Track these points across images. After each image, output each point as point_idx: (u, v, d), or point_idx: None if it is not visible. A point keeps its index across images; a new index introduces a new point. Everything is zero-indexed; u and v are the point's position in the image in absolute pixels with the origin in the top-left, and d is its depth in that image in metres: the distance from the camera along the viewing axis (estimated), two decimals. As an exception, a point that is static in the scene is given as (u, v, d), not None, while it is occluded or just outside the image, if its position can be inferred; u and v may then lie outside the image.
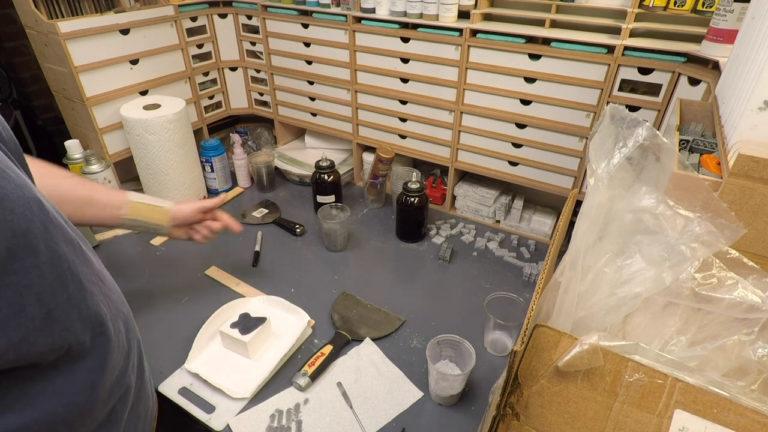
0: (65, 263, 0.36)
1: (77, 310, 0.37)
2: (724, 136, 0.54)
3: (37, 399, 0.36)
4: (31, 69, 1.78)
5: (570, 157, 1.05)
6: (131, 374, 0.48)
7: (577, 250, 0.48)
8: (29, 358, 0.34)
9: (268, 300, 0.94)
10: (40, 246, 0.33)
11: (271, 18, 1.30)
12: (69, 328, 0.36)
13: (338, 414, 0.75)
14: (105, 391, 0.42)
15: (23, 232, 0.31)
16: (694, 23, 0.92)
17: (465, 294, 1.01)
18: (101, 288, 0.42)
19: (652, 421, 0.39)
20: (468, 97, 1.11)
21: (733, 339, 0.44)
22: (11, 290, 0.31)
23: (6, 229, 0.30)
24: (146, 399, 0.54)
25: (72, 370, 0.38)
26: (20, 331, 0.32)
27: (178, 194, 1.23)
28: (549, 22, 1.00)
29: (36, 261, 0.33)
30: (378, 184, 1.27)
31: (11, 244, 0.30)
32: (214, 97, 1.44)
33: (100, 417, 0.43)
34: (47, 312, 0.34)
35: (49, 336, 0.34)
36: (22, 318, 0.32)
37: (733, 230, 0.43)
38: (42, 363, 0.35)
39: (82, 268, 0.38)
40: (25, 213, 0.32)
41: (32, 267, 0.32)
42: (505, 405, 0.46)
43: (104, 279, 0.44)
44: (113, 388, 0.44)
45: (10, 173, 0.32)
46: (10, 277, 0.31)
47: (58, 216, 0.37)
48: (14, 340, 0.32)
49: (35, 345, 0.33)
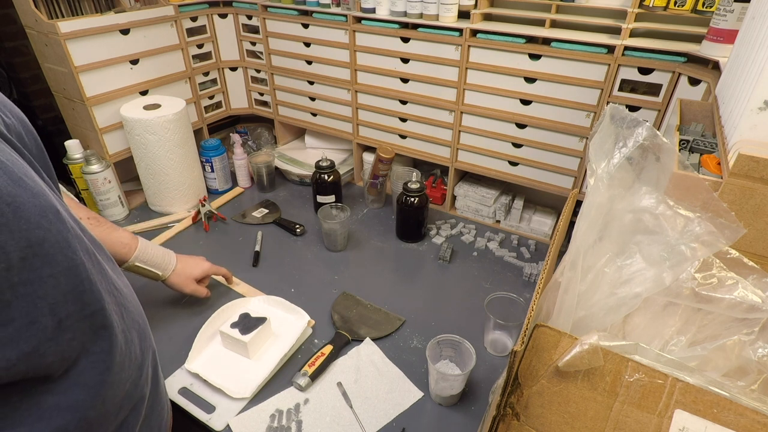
0: (83, 273, 0.35)
1: (90, 320, 0.36)
2: (724, 136, 0.54)
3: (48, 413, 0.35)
4: (31, 69, 1.78)
5: (570, 157, 1.05)
6: (144, 385, 0.47)
7: (577, 250, 0.48)
8: (39, 370, 0.33)
9: (268, 300, 0.94)
10: (57, 256, 0.32)
11: (271, 18, 1.30)
12: (78, 338, 0.35)
13: (338, 414, 0.75)
14: (116, 405, 0.41)
15: (39, 242, 0.31)
16: (694, 23, 0.92)
17: (465, 294, 1.01)
18: (117, 298, 0.41)
19: (652, 421, 0.39)
20: (468, 97, 1.11)
21: (733, 339, 0.44)
22: (25, 300, 0.30)
23: (21, 238, 0.29)
24: (160, 410, 0.52)
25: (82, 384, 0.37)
26: (32, 342, 0.31)
27: (178, 194, 1.23)
28: (549, 22, 1.00)
29: (52, 271, 0.32)
30: (378, 184, 1.27)
31: (26, 253, 0.30)
32: (214, 97, 1.44)
33: (110, 429, 0.42)
34: (58, 322, 0.33)
35: (59, 346, 0.34)
36: (35, 329, 0.31)
37: (733, 230, 0.43)
38: (52, 375, 0.35)
39: (97, 277, 0.38)
40: (41, 222, 0.31)
41: (48, 277, 0.32)
42: (505, 405, 0.46)
43: (120, 288, 0.43)
44: (124, 400, 0.43)
45: (27, 181, 0.31)
46: (25, 287, 0.30)
47: (75, 225, 0.36)
48: (26, 351, 0.31)
49: (45, 356, 0.33)
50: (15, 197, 0.30)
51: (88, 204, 1.22)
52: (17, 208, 0.29)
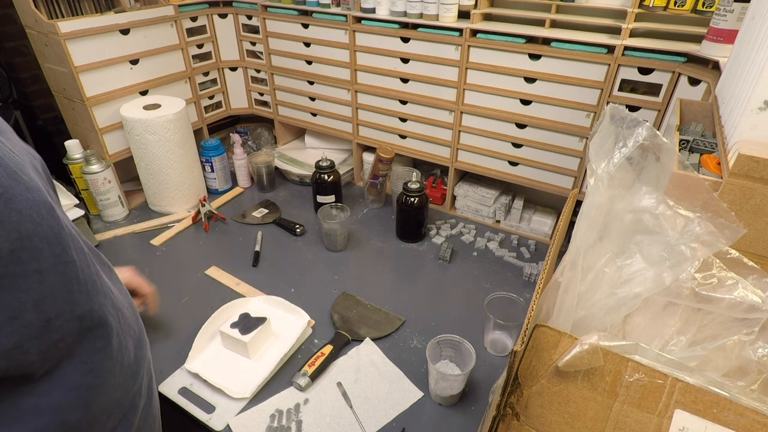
0: (72, 271, 0.35)
1: (78, 321, 0.36)
2: (724, 136, 0.54)
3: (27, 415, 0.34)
4: (31, 69, 1.78)
5: (570, 157, 1.05)
6: (137, 396, 0.46)
7: (577, 250, 0.48)
8: (21, 368, 0.32)
9: (268, 300, 0.94)
10: (45, 251, 0.32)
11: (271, 18, 1.30)
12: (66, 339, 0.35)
13: (338, 414, 0.75)
14: (103, 411, 0.40)
15: (29, 235, 0.30)
16: (694, 23, 0.92)
17: (465, 294, 1.01)
18: (112, 301, 0.41)
19: (652, 421, 0.39)
20: (468, 97, 1.11)
21: (733, 339, 0.44)
22: (8, 294, 0.30)
23: (11, 230, 0.29)
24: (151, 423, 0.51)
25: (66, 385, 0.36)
26: (13, 338, 0.31)
27: (178, 194, 1.23)
28: (549, 22, 1.00)
29: (39, 266, 0.32)
30: (378, 184, 1.27)
31: (15, 246, 0.30)
32: (214, 97, 1.44)
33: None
34: (46, 320, 0.33)
35: (44, 345, 0.33)
36: (17, 325, 0.31)
37: (733, 230, 0.43)
38: (33, 375, 0.34)
39: (90, 278, 0.37)
40: (32, 216, 0.31)
41: (34, 272, 0.31)
42: (505, 405, 0.46)
43: (116, 294, 0.43)
44: (114, 408, 0.42)
45: (23, 176, 0.31)
46: (9, 280, 0.30)
47: (69, 225, 0.36)
48: (7, 346, 0.30)
49: (29, 354, 0.32)
50: (7, 188, 0.30)
51: (88, 204, 1.22)
52: (9, 199, 0.29)
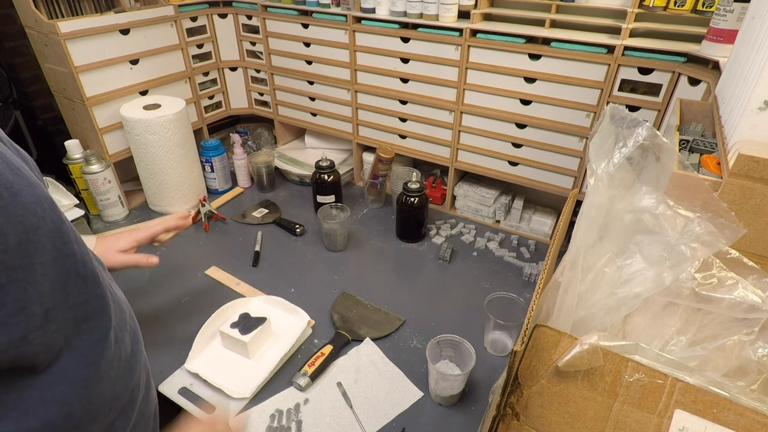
0: (70, 264, 0.36)
1: (73, 312, 0.37)
2: (724, 136, 0.54)
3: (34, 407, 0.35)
4: (31, 69, 1.78)
5: (570, 157, 1.05)
6: (136, 389, 0.47)
7: (577, 250, 0.48)
8: (26, 359, 0.33)
9: (268, 300, 0.94)
10: (47, 245, 0.33)
11: (271, 18, 1.30)
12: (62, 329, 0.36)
13: (338, 414, 0.75)
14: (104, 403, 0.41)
15: (33, 228, 0.32)
16: (694, 23, 0.92)
17: (465, 294, 1.01)
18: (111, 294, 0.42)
19: (652, 421, 0.39)
20: (468, 97, 1.11)
21: (733, 339, 0.44)
22: (18, 285, 0.31)
23: (17, 223, 0.30)
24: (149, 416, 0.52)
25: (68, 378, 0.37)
26: (21, 328, 0.32)
27: (178, 194, 1.23)
28: (549, 22, 1.00)
29: (42, 259, 0.33)
30: (378, 184, 1.27)
31: (21, 238, 0.31)
32: (214, 97, 1.44)
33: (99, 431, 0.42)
34: (45, 311, 0.34)
35: (45, 336, 0.34)
36: (24, 315, 0.32)
37: (733, 230, 0.43)
38: (37, 367, 0.35)
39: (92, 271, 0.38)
40: (36, 209, 0.32)
41: (38, 264, 0.32)
42: (505, 405, 0.46)
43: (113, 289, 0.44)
44: (114, 400, 0.43)
45: (24, 172, 0.32)
46: (18, 272, 0.31)
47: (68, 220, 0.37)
48: (16, 337, 0.32)
49: (33, 344, 0.33)
50: (13, 183, 0.31)
51: (88, 204, 1.22)
52: (15, 193, 0.30)
